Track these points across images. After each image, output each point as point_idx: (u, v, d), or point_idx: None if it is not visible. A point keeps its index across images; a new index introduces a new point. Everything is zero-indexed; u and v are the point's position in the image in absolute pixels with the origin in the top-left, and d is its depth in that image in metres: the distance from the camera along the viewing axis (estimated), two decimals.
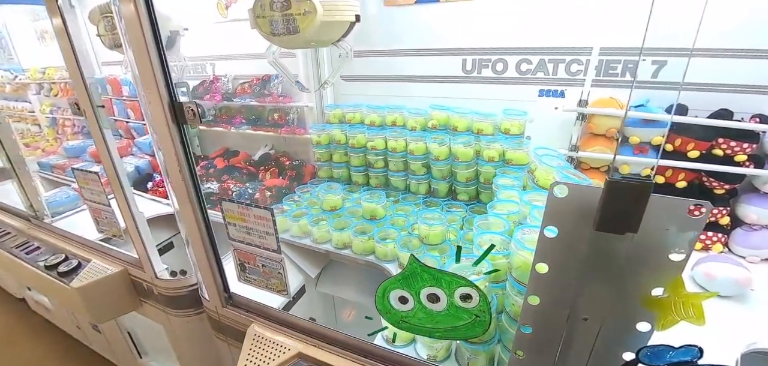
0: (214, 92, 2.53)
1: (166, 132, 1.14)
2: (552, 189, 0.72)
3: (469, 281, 0.91)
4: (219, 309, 1.50)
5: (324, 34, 1.10)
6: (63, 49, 1.25)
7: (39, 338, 2.95)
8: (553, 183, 0.72)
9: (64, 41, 1.24)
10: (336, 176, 2.28)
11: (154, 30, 1.04)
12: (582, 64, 1.78)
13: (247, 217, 1.20)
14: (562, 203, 0.72)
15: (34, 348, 2.89)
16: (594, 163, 1.84)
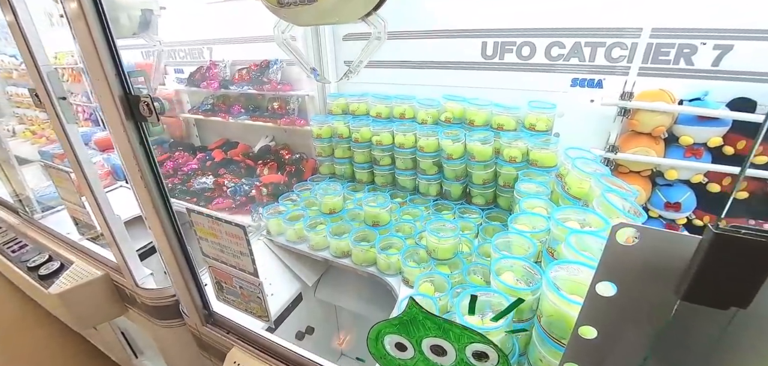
0: (211, 79, 2.35)
1: (121, 131, 0.95)
2: (614, 233, 0.50)
3: (486, 338, 0.69)
4: (199, 327, 1.34)
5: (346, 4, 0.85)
6: (12, 31, 1.08)
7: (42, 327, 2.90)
8: (616, 225, 0.50)
9: (13, 23, 1.06)
10: (338, 173, 2.08)
11: (98, 8, 0.84)
12: (626, 49, 1.50)
13: (219, 234, 1.01)
14: (629, 253, 0.50)
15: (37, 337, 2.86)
16: (635, 167, 1.57)
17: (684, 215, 1.53)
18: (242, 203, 2.02)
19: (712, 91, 1.42)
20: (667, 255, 0.49)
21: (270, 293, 1.69)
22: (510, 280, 1.02)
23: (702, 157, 1.44)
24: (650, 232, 0.49)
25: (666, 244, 0.48)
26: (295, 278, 1.79)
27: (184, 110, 2.65)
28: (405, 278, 1.46)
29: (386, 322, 0.84)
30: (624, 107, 1.47)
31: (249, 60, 2.28)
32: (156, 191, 1.06)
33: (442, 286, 1.34)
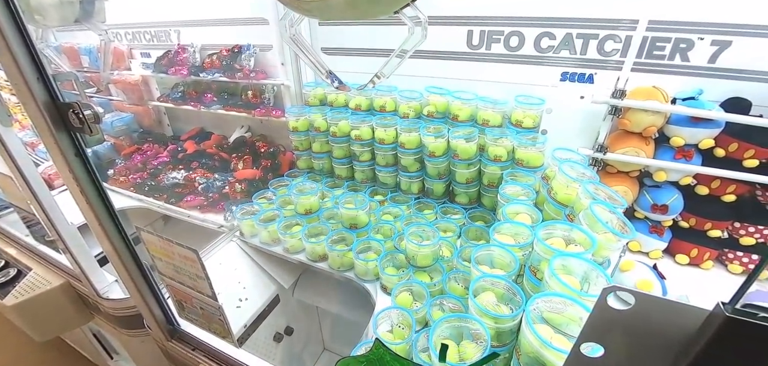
0: (179, 64, 2.18)
1: (52, 142, 0.83)
2: (605, 296, 0.43)
3: None
4: (164, 342, 1.26)
5: None
6: None
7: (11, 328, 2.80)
8: (607, 288, 0.43)
9: None
10: (316, 168, 1.97)
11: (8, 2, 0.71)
12: (620, 42, 1.40)
13: (172, 255, 0.92)
14: (620, 318, 0.43)
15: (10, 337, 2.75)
16: (623, 167, 1.50)
17: (671, 217, 1.48)
18: (215, 200, 1.91)
19: (706, 90, 1.34)
20: (665, 326, 0.42)
21: (244, 297, 1.61)
22: (490, 303, 0.96)
23: (692, 158, 1.38)
24: (647, 300, 0.42)
25: (664, 314, 0.41)
26: (270, 280, 1.72)
27: (153, 98, 2.48)
28: (383, 285, 1.40)
29: (353, 358, 0.77)
30: (615, 105, 1.39)
31: (219, 44, 2.12)
32: (99, 204, 0.95)
33: (421, 295, 1.28)
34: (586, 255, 0.88)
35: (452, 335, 0.97)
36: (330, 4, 0.76)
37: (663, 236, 1.50)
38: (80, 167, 0.88)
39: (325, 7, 0.78)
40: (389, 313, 1.19)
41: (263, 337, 1.77)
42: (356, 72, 1.85)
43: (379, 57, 1.82)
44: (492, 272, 1.06)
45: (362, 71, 1.85)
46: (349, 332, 2.10)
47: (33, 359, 2.62)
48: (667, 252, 1.53)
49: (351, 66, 1.89)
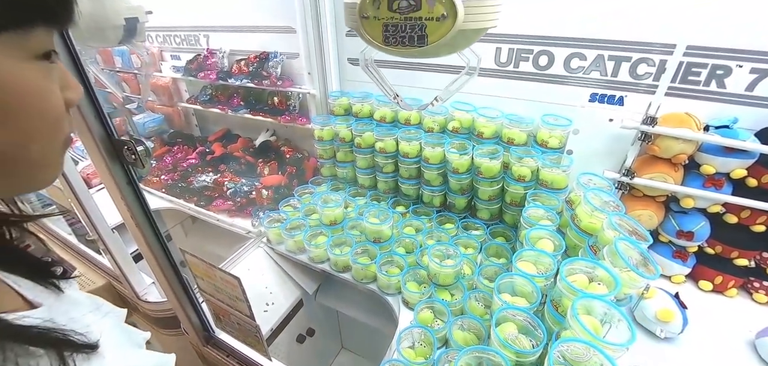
0: (208, 69, 2.24)
1: (106, 172, 0.90)
2: None
3: None
4: (200, 347, 1.35)
5: (452, 45, 0.78)
6: None
7: None
8: None
9: None
10: (340, 176, 2.02)
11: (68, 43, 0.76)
12: (653, 66, 1.38)
13: (214, 278, 0.98)
14: None
15: None
16: (650, 192, 1.48)
17: (696, 244, 1.47)
18: (242, 205, 1.99)
19: (741, 118, 1.31)
20: None
21: (271, 302, 1.69)
22: (511, 335, 0.99)
23: (723, 187, 1.36)
24: None
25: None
26: (295, 286, 1.79)
27: (182, 99, 2.56)
28: (405, 300, 1.45)
29: None
30: (645, 132, 1.37)
31: (248, 50, 2.16)
32: (148, 228, 1.02)
33: (442, 313, 1.32)
34: (609, 297, 0.90)
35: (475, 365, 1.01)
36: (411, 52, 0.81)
37: (687, 262, 1.49)
38: (132, 196, 0.95)
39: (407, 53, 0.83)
40: (411, 331, 1.24)
41: (287, 339, 1.85)
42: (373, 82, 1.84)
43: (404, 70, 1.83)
44: (514, 302, 1.09)
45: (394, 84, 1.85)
46: (367, 335, 2.18)
47: None
48: (690, 277, 1.52)
49: None
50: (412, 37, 0.81)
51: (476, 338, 1.19)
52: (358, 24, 0.85)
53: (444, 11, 0.75)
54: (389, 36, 0.82)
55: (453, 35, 0.77)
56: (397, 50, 0.83)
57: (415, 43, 0.80)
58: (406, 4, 0.77)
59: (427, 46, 0.79)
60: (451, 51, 0.84)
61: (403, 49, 0.82)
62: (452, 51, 0.85)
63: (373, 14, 0.81)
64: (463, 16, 0.75)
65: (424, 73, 1.80)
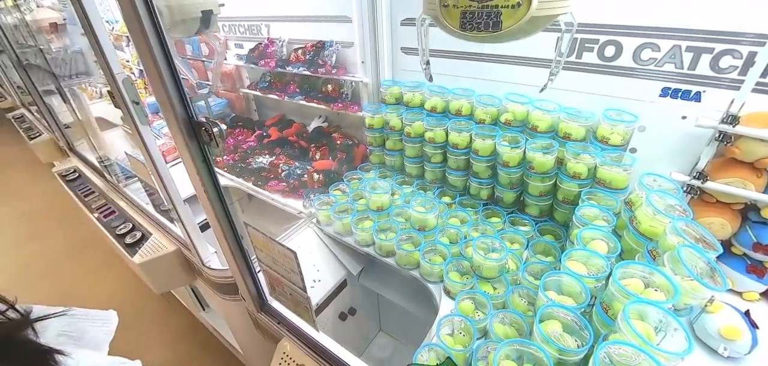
0: (268, 57, 2.38)
1: (185, 150, 1.01)
2: None
3: None
4: (254, 313, 1.47)
5: (525, 30, 0.84)
6: (91, 44, 1.16)
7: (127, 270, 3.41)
8: None
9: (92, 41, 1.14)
10: (388, 164, 2.06)
11: (160, 37, 0.87)
12: (740, 58, 1.24)
13: (272, 250, 1.07)
14: None
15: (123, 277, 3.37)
16: (725, 198, 1.35)
17: None
18: (295, 187, 2.11)
19: None
20: None
21: (318, 279, 1.79)
22: (555, 332, 0.97)
23: None
24: None
25: None
26: (340, 266, 1.88)
27: (244, 85, 2.75)
28: (446, 289, 1.46)
29: None
30: (724, 132, 1.24)
31: (305, 39, 2.26)
32: (217, 202, 1.13)
33: (483, 305, 1.32)
34: (666, 305, 0.85)
35: (515, 357, 1.00)
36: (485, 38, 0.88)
37: (764, 278, 1.33)
38: (206, 172, 1.06)
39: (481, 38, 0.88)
40: (452, 319, 1.26)
41: (331, 315, 1.96)
42: (442, 73, 1.84)
43: (458, 59, 1.81)
44: (560, 301, 1.07)
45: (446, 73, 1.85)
46: (405, 320, 2.22)
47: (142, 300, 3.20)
48: (766, 296, 1.36)
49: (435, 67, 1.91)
50: (488, 23, 0.86)
51: (517, 333, 1.18)
52: (438, 12, 0.90)
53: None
54: (466, 22, 0.87)
55: (526, 21, 0.80)
56: (472, 35, 0.88)
57: (491, 29, 0.85)
58: None
59: (501, 31, 0.84)
60: (525, 36, 0.87)
61: (478, 34, 0.87)
62: (525, 36, 0.87)
63: (453, 3, 0.87)
64: (538, 4, 0.78)
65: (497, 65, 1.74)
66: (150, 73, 0.91)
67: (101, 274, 3.55)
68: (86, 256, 3.75)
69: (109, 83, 1.23)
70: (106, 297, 3.31)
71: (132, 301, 3.20)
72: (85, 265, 3.68)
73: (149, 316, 3.09)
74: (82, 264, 3.69)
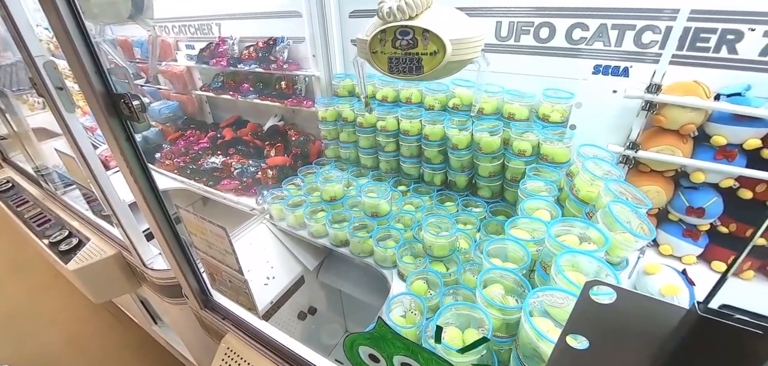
0: (220, 56, 2.32)
1: (106, 128, 0.95)
2: (587, 290, 0.45)
3: None
4: (198, 310, 1.39)
5: (445, 72, 0.98)
6: (6, 24, 1.08)
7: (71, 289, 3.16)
8: (589, 282, 0.44)
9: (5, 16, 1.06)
10: (343, 157, 2.04)
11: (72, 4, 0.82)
12: (659, 33, 1.33)
13: (205, 232, 1.02)
14: (602, 312, 0.45)
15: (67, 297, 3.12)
16: (657, 166, 1.43)
17: (707, 222, 1.40)
18: (248, 184, 2.04)
19: (754, 85, 1.24)
20: (645, 322, 0.43)
21: (272, 276, 1.73)
22: (497, 294, 0.97)
23: (735, 159, 1.28)
24: (627, 296, 0.43)
25: (644, 310, 0.43)
26: (296, 262, 1.82)
27: (196, 87, 2.66)
28: (400, 272, 1.44)
29: (360, 334, 0.83)
30: (650, 101, 1.32)
31: (256, 36, 2.23)
32: (145, 184, 1.06)
33: (435, 284, 1.31)
34: (598, 253, 0.87)
35: (460, 323, 0.99)
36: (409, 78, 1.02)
37: (698, 241, 1.41)
38: (130, 151, 1.00)
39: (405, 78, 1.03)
40: (403, 298, 1.24)
41: (288, 314, 1.88)
42: None
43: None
44: (503, 265, 1.07)
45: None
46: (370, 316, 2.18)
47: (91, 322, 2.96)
48: (702, 257, 1.44)
49: None
50: (411, 67, 0.99)
51: None
52: (369, 57, 1.03)
53: (436, 48, 0.93)
54: (393, 66, 1.01)
55: (443, 66, 0.94)
56: (399, 76, 1.03)
57: (414, 72, 0.99)
58: (406, 43, 0.96)
59: (423, 74, 0.97)
60: (445, 76, 1.01)
61: (404, 76, 1.01)
62: (445, 76, 1.02)
63: (380, 50, 1.00)
64: (451, 51, 0.92)
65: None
66: (61, 40, 0.85)
67: (46, 292, 3.28)
68: (30, 274, 3.47)
69: (29, 67, 1.15)
70: (50, 316, 3.04)
71: (79, 320, 2.96)
72: (27, 283, 3.39)
73: (97, 334, 2.86)
74: (24, 282, 3.40)
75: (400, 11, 0.91)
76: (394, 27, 0.94)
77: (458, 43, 0.94)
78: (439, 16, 0.94)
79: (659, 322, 0.41)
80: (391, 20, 0.93)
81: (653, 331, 0.42)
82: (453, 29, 0.94)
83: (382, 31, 0.97)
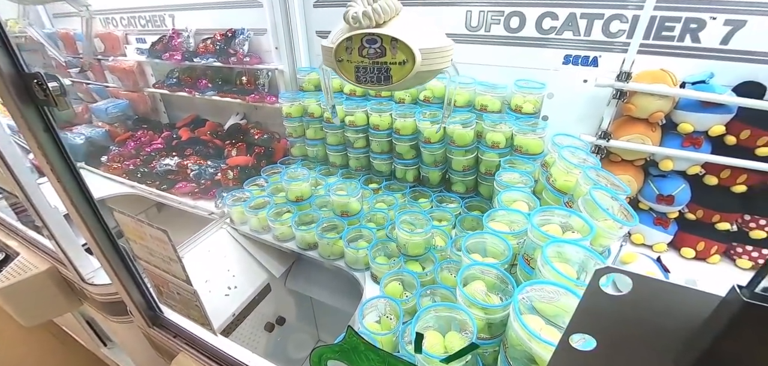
0: (173, 50, 2.14)
1: (19, 116, 0.79)
2: (597, 278, 0.37)
3: None
4: (146, 329, 1.23)
5: (415, 82, 0.95)
6: None
7: None
8: (601, 269, 0.37)
9: None
10: (311, 155, 1.93)
11: None
12: (626, 22, 1.33)
13: (145, 237, 0.88)
14: (616, 304, 0.38)
15: None
16: (627, 155, 1.43)
17: (676, 209, 1.41)
18: (207, 187, 1.88)
19: (717, 73, 1.26)
20: (669, 314, 0.36)
21: (234, 285, 1.58)
22: (479, 292, 0.90)
23: (701, 146, 1.30)
24: (648, 284, 0.36)
25: (668, 300, 0.36)
26: (261, 269, 1.68)
27: (149, 84, 2.45)
28: (373, 274, 1.35)
29: (328, 347, 0.72)
30: (620, 89, 1.32)
31: (213, 28, 2.07)
32: (73, 184, 0.91)
33: (411, 285, 1.23)
34: (583, 242, 0.82)
35: (440, 326, 0.92)
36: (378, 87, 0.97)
37: (668, 229, 1.43)
38: (51, 144, 0.84)
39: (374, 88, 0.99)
40: (377, 302, 1.15)
41: (253, 327, 1.74)
42: None
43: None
44: (483, 261, 1.01)
45: None
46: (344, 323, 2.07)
47: (27, 345, 2.63)
48: (672, 245, 1.46)
49: None
50: (380, 77, 0.94)
51: None
52: (335, 66, 0.97)
53: (405, 57, 0.89)
54: (360, 76, 0.95)
55: (413, 76, 0.90)
56: (367, 86, 0.97)
57: (383, 82, 0.94)
58: (374, 51, 0.91)
59: (392, 84, 0.93)
60: (415, 85, 0.98)
61: (372, 85, 0.96)
62: (415, 85, 0.99)
63: (347, 58, 0.94)
64: (421, 61, 0.88)
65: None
66: None
67: None
68: None
69: None
70: None
71: (12, 344, 2.62)
72: None
73: (35, 360, 2.54)
74: None
75: (366, 18, 0.86)
76: (361, 34, 0.89)
77: (428, 53, 0.90)
78: (408, 24, 0.90)
79: (686, 313, 0.35)
80: (357, 27, 0.88)
81: (679, 324, 0.35)
82: (423, 38, 0.90)
83: (348, 39, 0.91)
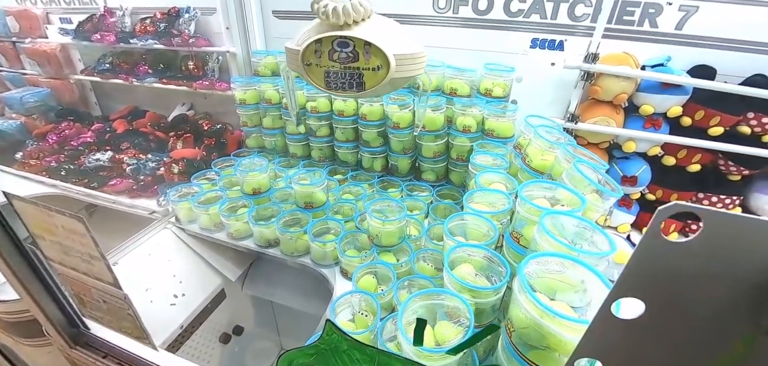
0: (106, 31, 1.87)
1: None
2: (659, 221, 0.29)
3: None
4: (67, 350, 1.01)
5: (387, 89, 0.91)
6: None
7: None
8: (663, 209, 0.28)
9: None
10: (268, 146, 1.76)
11: None
12: (590, 6, 1.34)
13: (56, 230, 0.69)
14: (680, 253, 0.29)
15: None
16: (593, 138, 1.45)
17: (639, 190, 1.45)
18: (147, 184, 1.64)
19: (673, 57, 1.31)
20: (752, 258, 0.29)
21: (181, 293, 1.38)
22: (468, 275, 0.83)
23: (661, 127, 1.35)
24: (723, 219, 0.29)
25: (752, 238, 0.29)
26: (214, 273, 1.49)
27: (76, 70, 2.13)
28: (343, 269, 1.24)
29: (299, 350, 0.60)
30: (587, 71, 1.32)
31: (153, 7, 1.84)
32: None
33: (386, 277, 1.13)
34: (577, 213, 0.77)
35: (425, 316, 0.82)
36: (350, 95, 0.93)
37: (631, 209, 1.46)
38: None
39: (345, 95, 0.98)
40: (350, 298, 1.03)
41: (205, 339, 1.54)
42: None
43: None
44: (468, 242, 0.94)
45: None
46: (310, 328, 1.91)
47: None
48: (635, 225, 1.49)
49: None
50: (352, 84, 0.90)
51: None
52: (302, 70, 0.91)
53: (379, 63, 0.85)
54: (331, 81, 0.90)
55: (387, 83, 0.87)
56: (338, 93, 0.93)
57: (354, 89, 0.90)
58: (346, 56, 0.86)
59: (364, 91, 0.89)
60: (388, 92, 0.94)
61: (343, 92, 0.91)
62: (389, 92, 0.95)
63: (316, 62, 0.89)
64: (396, 67, 0.85)
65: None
66: None
67: None
68: None
69: None
70: None
71: None
72: None
73: None
74: None
75: (336, 14, 0.81)
76: (332, 37, 0.84)
77: (402, 59, 0.86)
78: (381, 29, 0.86)
79: None
80: (326, 22, 0.83)
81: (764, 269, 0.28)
82: (396, 44, 0.86)
83: (317, 42, 0.85)
